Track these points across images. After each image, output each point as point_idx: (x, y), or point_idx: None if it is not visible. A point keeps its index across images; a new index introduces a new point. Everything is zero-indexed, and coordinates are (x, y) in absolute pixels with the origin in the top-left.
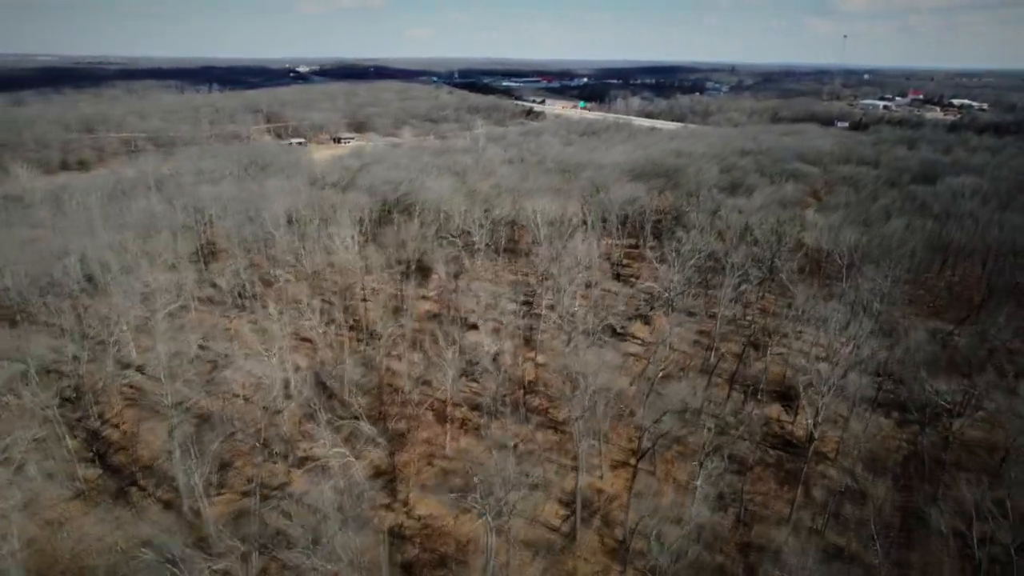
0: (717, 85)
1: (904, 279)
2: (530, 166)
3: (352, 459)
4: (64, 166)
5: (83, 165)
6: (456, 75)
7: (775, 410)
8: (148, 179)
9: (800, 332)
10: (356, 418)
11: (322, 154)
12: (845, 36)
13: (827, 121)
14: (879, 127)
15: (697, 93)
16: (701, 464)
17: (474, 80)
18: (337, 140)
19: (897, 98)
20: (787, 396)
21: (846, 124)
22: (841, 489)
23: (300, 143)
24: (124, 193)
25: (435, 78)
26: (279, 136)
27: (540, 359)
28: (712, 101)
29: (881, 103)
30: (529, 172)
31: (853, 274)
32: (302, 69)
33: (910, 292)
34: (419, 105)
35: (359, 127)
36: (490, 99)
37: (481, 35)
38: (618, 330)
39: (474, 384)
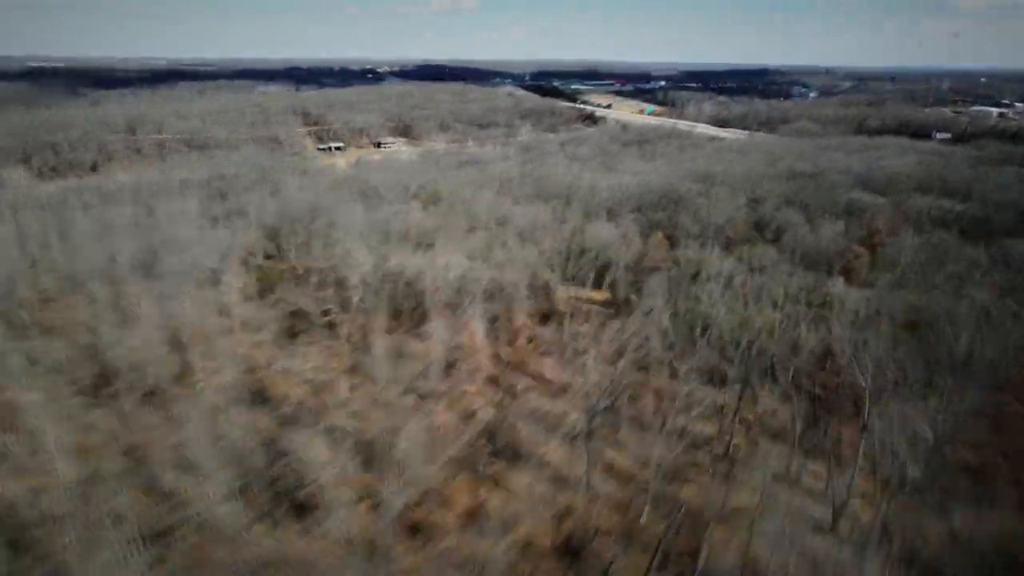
0: (804, 89)
1: (975, 408)
2: (523, 187)
3: None
4: (94, 168)
5: (98, 168)
6: (528, 77)
7: None
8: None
9: (799, 472)
10: None
11: (348, 160)
12: (956, 34)
13: (923, 132)
14: (985, 142)
15: (781, 98)
16: None
17: (544, 83)
18: (377, 145)
19: (1017, 104)
20: None
21: (947, 135)
22: None
23: (339, 148)
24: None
25: (507, 80)
26: (320, 139)
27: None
28: (792, 107)
29: (995, 110)
30: (502, 198)
31: (884, 402)
32: (382, 70)
33: (986, 429)
34: (472, 108)
35: (405, 131)
36: (550, 103)
37: (573, 37)
38: (527, 452)
39: None
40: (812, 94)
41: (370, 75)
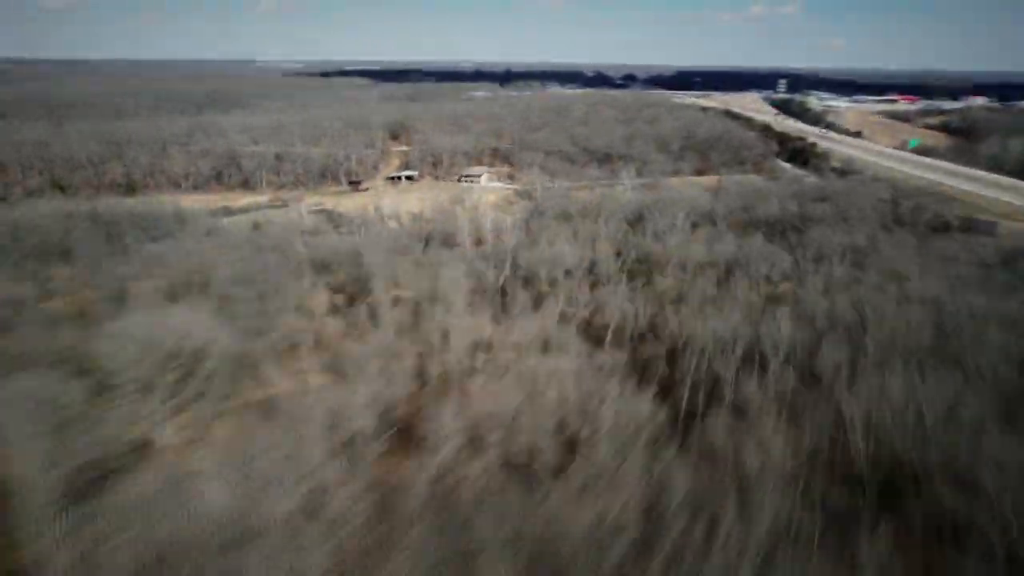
0: None
1: None
2: None
3: None
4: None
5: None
6: (783, 87)
7: None
8: None
9: None
10: None
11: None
12: None
13: None
14: None
15: None
16: None
17: (794, 96)
18: (458, 179)
19: None
20: None
21: None
22: None
23: (410, 177)
24: None
25: (760, 90)
26: (407, 163)
27: None
28: None
29: None
30: None
31: None
32: (640, 76)
33: None
34: (617, 132)
35: (508, 158)
36: (747, 123)
37: (905, 43)
38: None
39: None
40: None
41: (622, 81)
